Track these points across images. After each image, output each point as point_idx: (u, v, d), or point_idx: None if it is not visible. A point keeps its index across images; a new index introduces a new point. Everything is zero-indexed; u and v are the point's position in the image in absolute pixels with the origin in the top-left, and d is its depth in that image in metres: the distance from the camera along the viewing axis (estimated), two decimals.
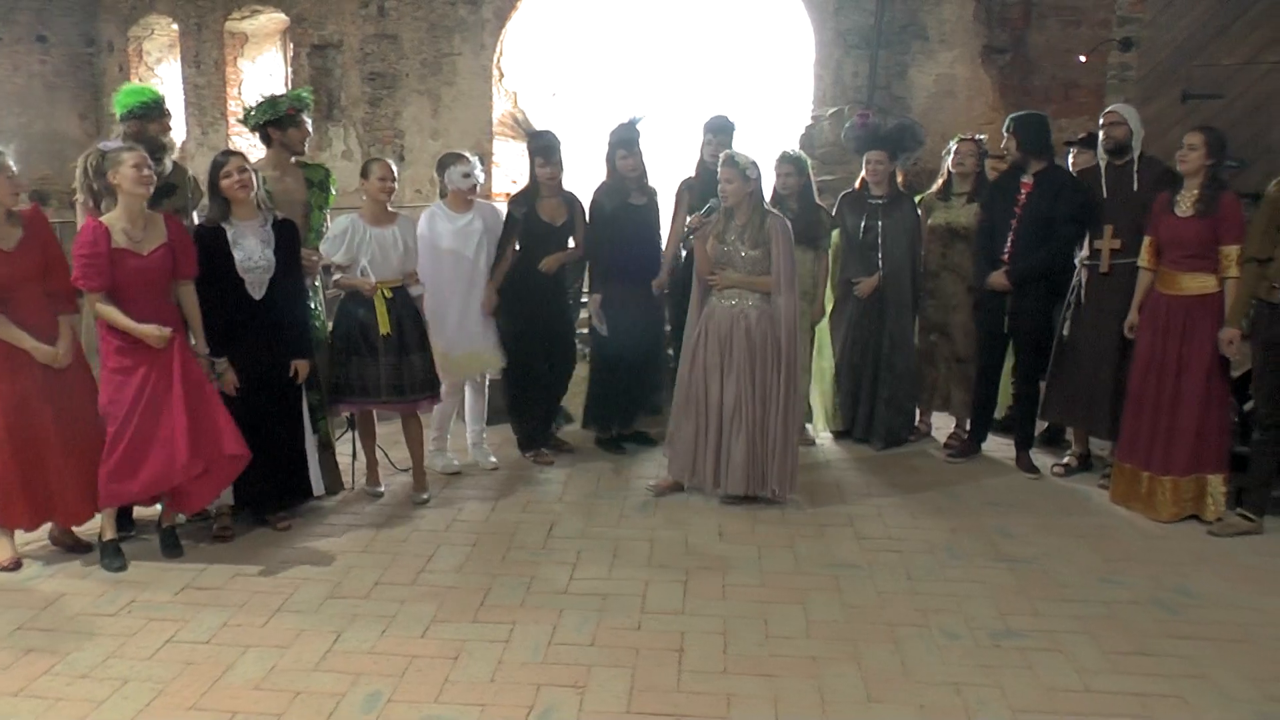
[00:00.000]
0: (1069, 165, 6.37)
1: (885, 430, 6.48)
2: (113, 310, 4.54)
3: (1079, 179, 5.94)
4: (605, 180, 6.17)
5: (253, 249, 4.85)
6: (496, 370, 6.09)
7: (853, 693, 3.65)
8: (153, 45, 12.82)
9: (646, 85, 12.67)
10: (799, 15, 9.80)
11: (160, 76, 12.86)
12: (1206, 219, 5.18)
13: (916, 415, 6.75)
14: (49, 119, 12.37)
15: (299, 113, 5.40)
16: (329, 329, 5.57)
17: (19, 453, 4.53)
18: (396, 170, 5.52)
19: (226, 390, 4.79)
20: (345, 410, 5.62)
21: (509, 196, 6.40)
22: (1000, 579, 4.63)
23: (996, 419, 6.55)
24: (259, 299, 4.89)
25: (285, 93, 5.48)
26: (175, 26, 12.22)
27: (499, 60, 10.92)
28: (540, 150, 6.01)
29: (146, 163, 4.56)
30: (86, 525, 4.84)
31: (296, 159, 5.54)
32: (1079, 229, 5.81)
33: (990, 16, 8.77)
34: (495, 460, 6.11)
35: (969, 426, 6.44)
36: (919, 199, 6.57)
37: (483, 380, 6.17)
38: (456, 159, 5.89)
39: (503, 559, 4.79)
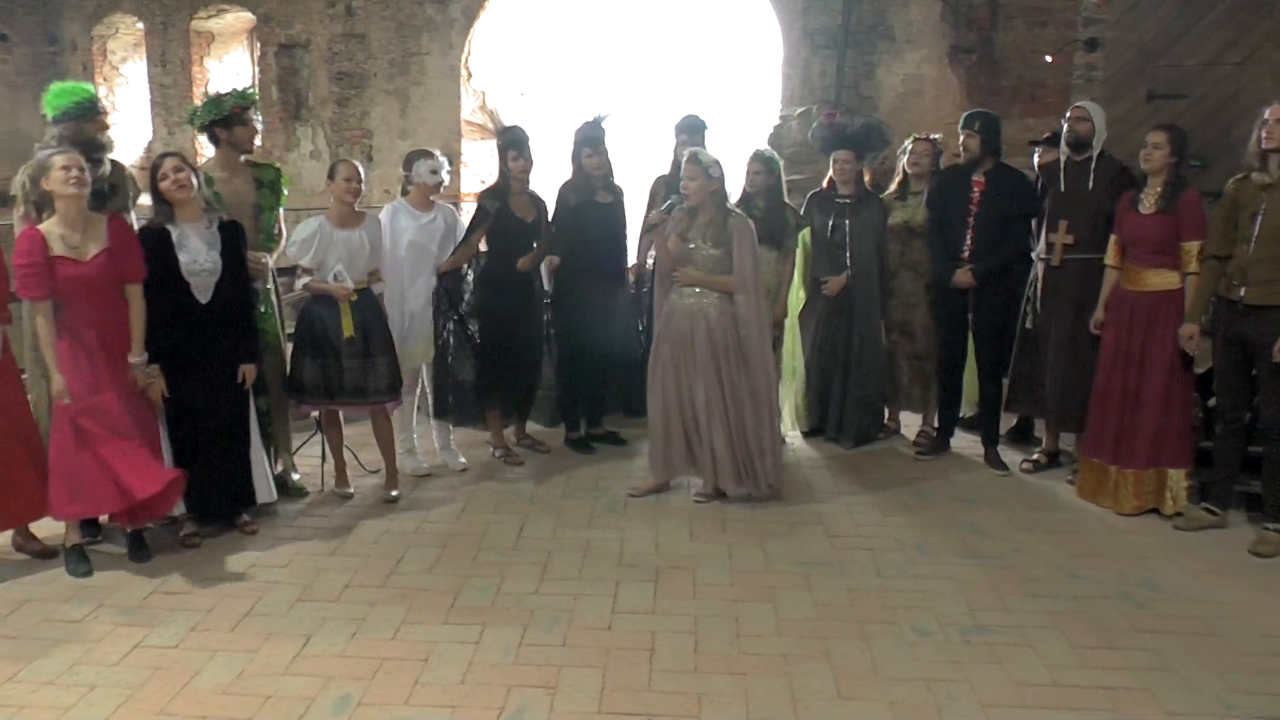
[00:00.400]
0: (1034, 164, 6.44)
1: (855, 429, 6.51)
2: (41, 327, 4.46)
3: (1024, 175, 6.05)
4: (570, 178, 6.18)
5: (198, 251, 4.76)
6: (428, 358, 6.03)
7: (823, 690, 3.67)
8: (117, 44, 12.70)
9: (614, 85, 12.69)
10: (767, 15, 9.83)
11: (125, 76, 12.76)
12: (1168, 215, 5.25)
13: (886, 413, 6.78)
14: (11, 118, 12.22)
15: (245, 111, 5.28)
16: (281, 332, 5.53)
17: None
18: (364, 171, 5.49)
19: (152, 398, 4.68)
20: (308, 411, 5.59)
21: (478, 194, 6.36)
22: (970, 575, 4.66)
23: (965, 417, 6.59)
24: (205, 302, 4.80)
25: (230, 91, 5.37)
26: (140, 25, 12.11)
27: (467, 60, 10.89)
28: (512, 144, 6.01)
29: (78, 164, 4.42)
30: (52, 530, 4.78)
31: (247, 159, 5.45)
32: (1030, 225, 5.96)
33: (957, 17, 8.82)
34: (464, 461, 6.09)
35: (936, 423, 6.48)
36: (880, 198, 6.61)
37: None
38: (425, 155, 5.87)
39: (473, 560, 4.77)
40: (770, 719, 3.49)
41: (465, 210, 10.42)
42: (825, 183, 6.51)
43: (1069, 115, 5.77)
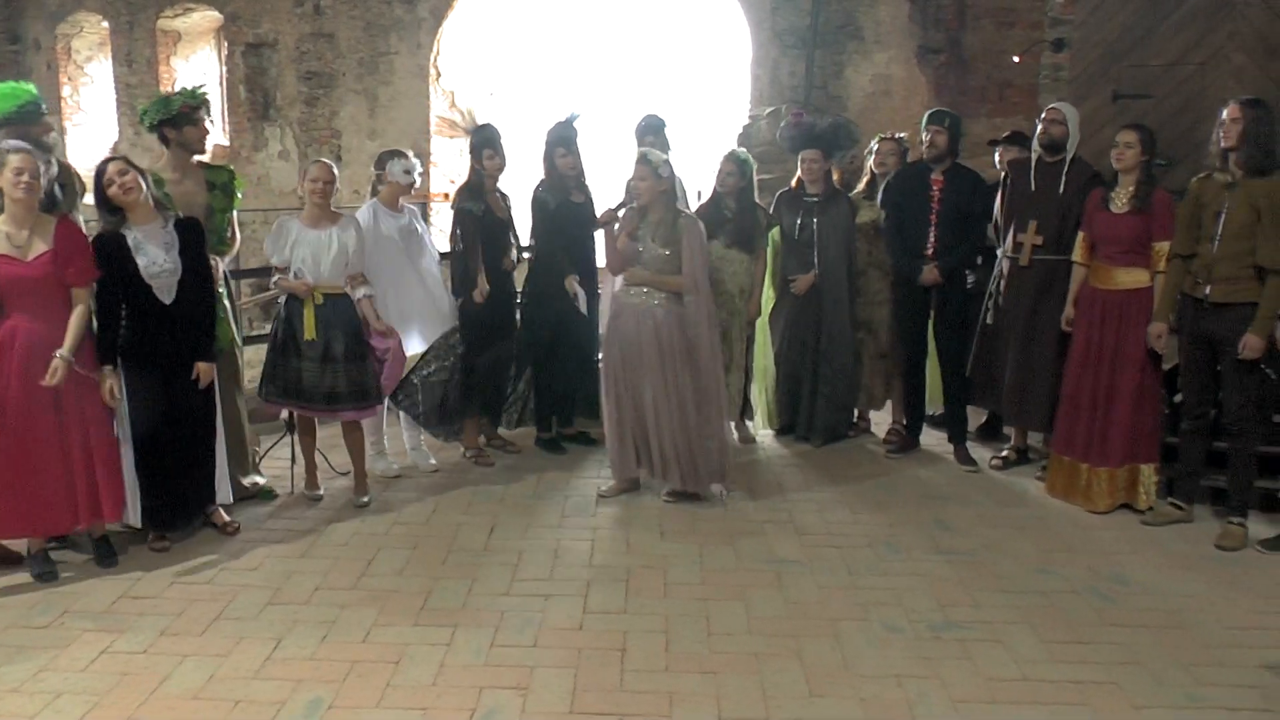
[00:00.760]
0: (996, 162, 6.50)
1: (825, 427, 6.53)
2: None
3: (978, 174, 6.12)
4: (544, 179, 6.15)
5: (155, 254, 4.67)
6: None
7: (794, 688, 3.68)
8: (82, 43, 12.59)
9: (584, 85, 12.69)
10: (736, 15, 9.86)
11: (90, 76, 12.64)
12: (1141, 215, 5.29)
13: (856, 412, 6.81)
14: None
15: (194, 111, 5.17)
16: (237, 335, 5.48)
17: None
18: (337, 171, 5.45)
19: (105, 401, 4.61)
20: (276, 411, 5.56)
21: (452, 194, 6.33)
22: (940, 572, 4.69)
23: (933, 415, 6.63)
24: (169, 303, 4.72)
25: (180, 90, 5.29)
26: (105, 24, 12.01)
27: (436, 59, 10.86)
28: (487, 142, 5.98)
29: (31, 169, 4.34)
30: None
31: (200, 160, 5.36)
32: (986, 223, 6.04)
33: (925, 18, 8.88)
34: (435, 462, 6.06)
35: (905, 421, 6.52)
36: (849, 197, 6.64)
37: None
38: (397, 155, 5.84)
39: (444, 561, 4.76)
40: (742, 717, 3.50)
41: (436, 211, 10.45)
42: (794, 182, 6.53)
43: (1044, 117, 5.81)
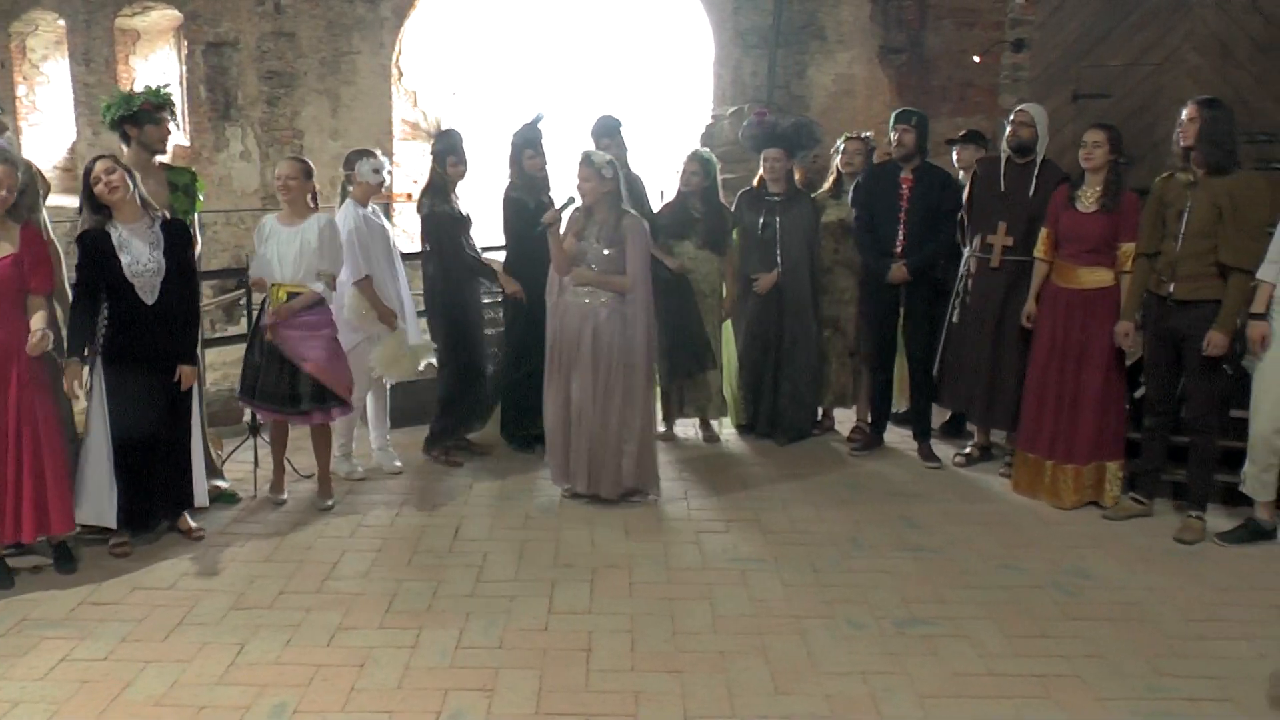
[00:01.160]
0: (954, 161, 6.54)
1: (789, 425, 6.55)
2: None
3: (948, 173, 6.17)
4: (514, 180, 6.13)
5: (140, 252, 4.67)
6: (431, 356, 6.00)
7: (760, 685, 3.69)
8: (38, 42, 12.43)
9: (547, 84, 12.68)
10: (698, 15, 9.88)
11: (47, 75, 12.49)
12: (1109, 215, 5.34)
13: (820, 410, 6.83)
14: None
15: (156, 110, 5.15)
16: (199, 339, 5.43)
17: None
18: (297, 168, 5.39)
19: (70, 393, 4.58)
20: (252, 409, 5.55)
21: (419, 196, 6.30)
22: (905, 568, 4.72)
23: (898, 412, 6.67)
24: (151, 303, 4.71)
25: (144, 88, 5.26)
26: (62, 22, 11.86)
27: (398, 59, 10.81)
28: (450, 149, 5.96)
29: (10, 185, 4.34)
30: None
31: (161, 162, 5.33)
32: (956, 222, 6.06)
33: (887, 18, 8.91)
34: (400, 464, 6.03)
35: (870, 418, 6.56)
36: (812, 197, 6.66)
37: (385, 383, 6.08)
38: (366, 154, 5.82)
39: (409, 563, 4.73)
40: (707, 716, 3.51)
41: (399, 211, 10.40)
42: (755, 181, 6.55)
43: (1013, 119, 5.83)
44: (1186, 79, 7.33)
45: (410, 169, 10.86)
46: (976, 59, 8.47)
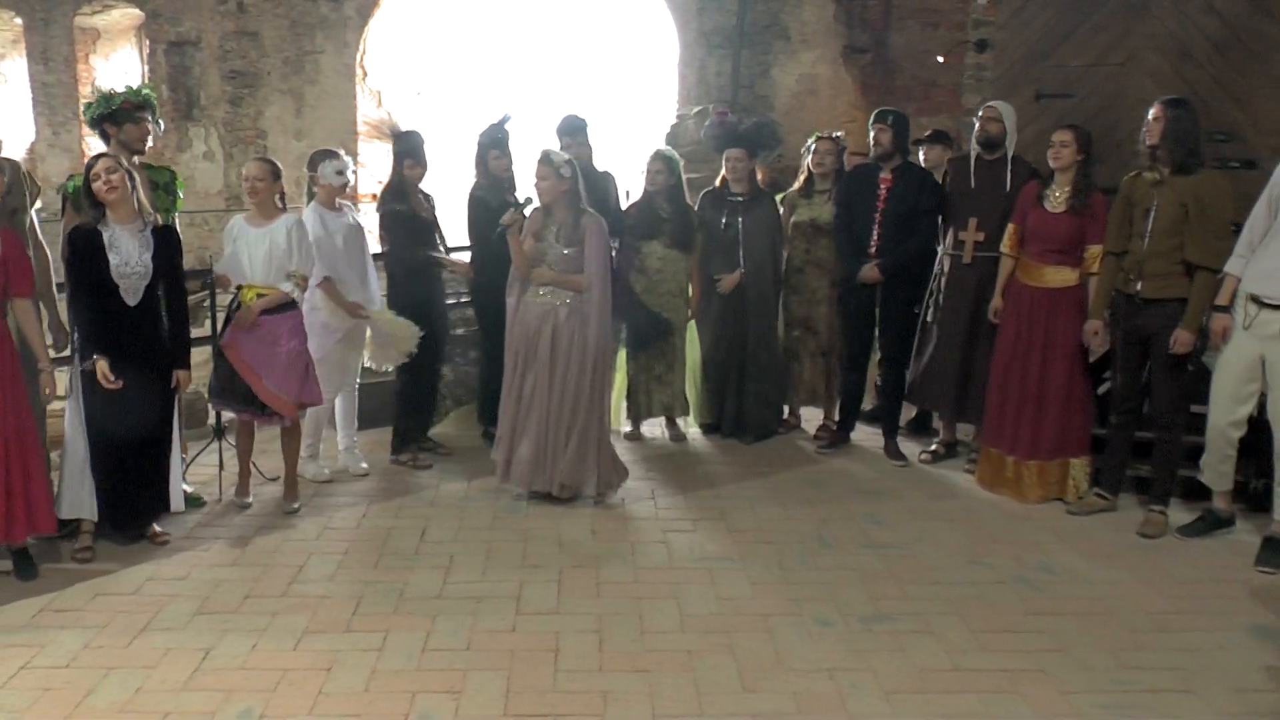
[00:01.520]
0: (921, 161, 6.59)
1: (755, 424, 6.56)
2: None
3: (929, 173, 6.17)
4: (480, 180, 6.11)
5: (129, 253, 4.66)
6: (414, 346, 5.92)
7: (728, 684, 3.70)
8: None
9: (512, 84, 12.66)
10: (663, 15, 9.89)
11: (3, 74, 12.32)
12: (1078, 217, 5.38)
13: (786, 409, 6.85)
14: None
15: (136, 109, 5.16)
16: None
17: None
18: (273, 168, 5.34)
19: (102, 383, 4.58)
20: (222, 411, 5.52)
21: (378, 195, 6.27)
22: (871, 565, 4.75)
23: (864, 410, 6.70)
24: (134, 305, 4.70)
25: (125, 88, 5.26)
26: (19, 20, 11.70)
27: (362, 58, 10.75)
28: (409, 151, 5.93)
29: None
30: None
31: (140, 160, 5.31)
32: (937, 220, 6.04)
33: (850, 18, 8.97)
34: (366, 466, 5.99)
35: (838, 417, 6.58)
36: (782, 197, 6.68)
37: (353, 385, 6.05)
38: (330, 155, 5.78)
39: (375, 566, 4.71)
40: (675, 715, 3.51)
41: (363, 211, 10.32)
42: (719, 181, 6.56)
43: (981, 115, 5.88)
44: (1147, 79, 7.43)
45: (376, 169, 10.79)
46: (940, 59, 8.54)
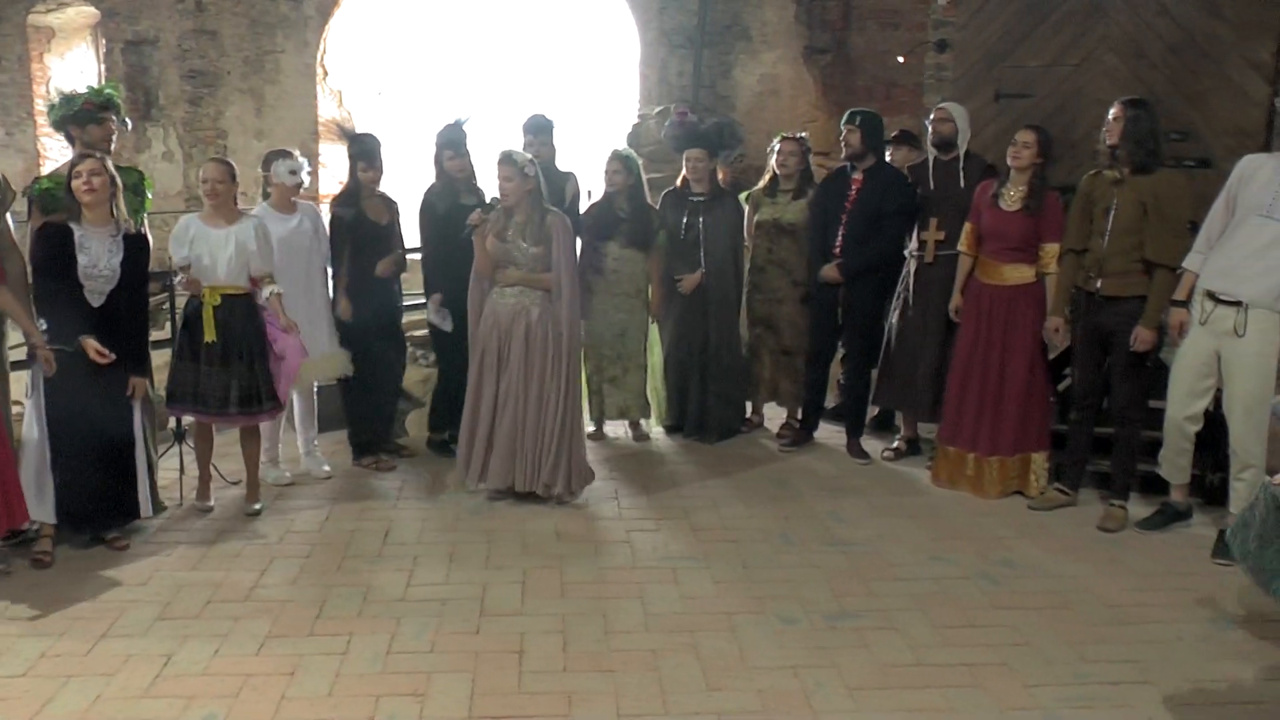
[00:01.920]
0: (888, 161, 6.62)
1: (717, 424, 6.57)
2: None
3: (902, 174, 6.19)
4: (434, 182, 6.08)
5: (98, 256, 4.66)
6: (348, 371, 5.91)
7: (692, 682, 3.71)
8: None
9: (473, 84, 12.62)
10: (624, 15, 9.89)
11: None
12: (1032, 216, 5.43)
13: (749, 408, 6.87)
14: None
15: (99, 109, 5.14)
16: None
17: None
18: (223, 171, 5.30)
19: (96, 359, 4.57)
20: (180, 415, 5.46)
21: (332, 198, 6.23)
22: (834, 562, 4.77)
23: (827, 408, 6.73)
24: (97, 307, 4.69)
25: (87, 89, 5.24)
26: None
27: (323, 58, 10.67)
28: (363, 154, 5.90)
29: None
30: None
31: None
32: (907, 222, 6.04)
33: (811, 18, 9.01)
34: (329, 468, 5.95)
35: (800, 415, 6.61)
36: (745, 196, 6.70)
37: (311, 386, 6.00)
38: (283, 155, 5.75)
39: (338, 569, 4.68)
40: (640, 714, 3.51)
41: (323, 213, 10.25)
42: (679, 181, 6.57)
43: (932, 117, 5.94)
44: (1104, 79, 7.51)
45: (336, 170, 10.73)
46: (901, 59, 8.59)
